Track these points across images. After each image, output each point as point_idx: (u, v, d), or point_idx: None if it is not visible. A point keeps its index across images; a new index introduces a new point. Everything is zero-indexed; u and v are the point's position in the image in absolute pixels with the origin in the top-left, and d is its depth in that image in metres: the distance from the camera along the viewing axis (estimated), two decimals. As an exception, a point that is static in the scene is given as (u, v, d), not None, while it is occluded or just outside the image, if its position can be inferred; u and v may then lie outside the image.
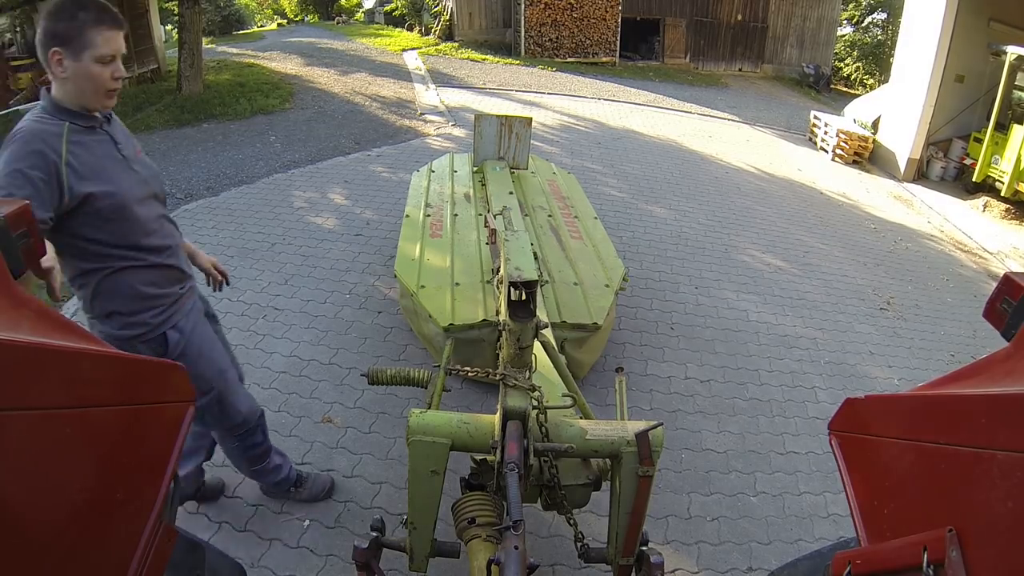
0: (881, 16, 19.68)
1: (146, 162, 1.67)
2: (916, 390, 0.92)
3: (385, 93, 9.32)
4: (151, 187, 1.63)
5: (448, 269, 2.92)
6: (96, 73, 1.40)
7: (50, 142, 1.38)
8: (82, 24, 1.36)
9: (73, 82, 1.41)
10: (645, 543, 1.53)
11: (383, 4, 21.91)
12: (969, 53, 7.55)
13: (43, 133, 1.38)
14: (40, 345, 0.66)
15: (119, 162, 1.53)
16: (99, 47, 1.38)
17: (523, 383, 1.45)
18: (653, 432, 1.40)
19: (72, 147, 1.41)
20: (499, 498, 1.48)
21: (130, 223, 1.51)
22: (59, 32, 1.36)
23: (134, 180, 1.55)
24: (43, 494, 0.65)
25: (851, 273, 4.96)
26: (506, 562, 1.01)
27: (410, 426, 1.39)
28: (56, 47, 1.36)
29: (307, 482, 2.25)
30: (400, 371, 1.91)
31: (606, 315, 2.77)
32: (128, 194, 1.50)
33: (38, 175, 1.32)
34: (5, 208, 0.80)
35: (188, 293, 1.73)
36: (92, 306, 1.56)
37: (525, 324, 1.47)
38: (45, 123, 1.40)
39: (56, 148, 1.38)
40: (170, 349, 1.64)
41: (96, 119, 1.50)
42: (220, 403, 1.80)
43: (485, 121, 4.00)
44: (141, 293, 1.56)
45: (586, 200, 3.99)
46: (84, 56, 1.38)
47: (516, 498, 1.14)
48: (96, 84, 1.42)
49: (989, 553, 0.65)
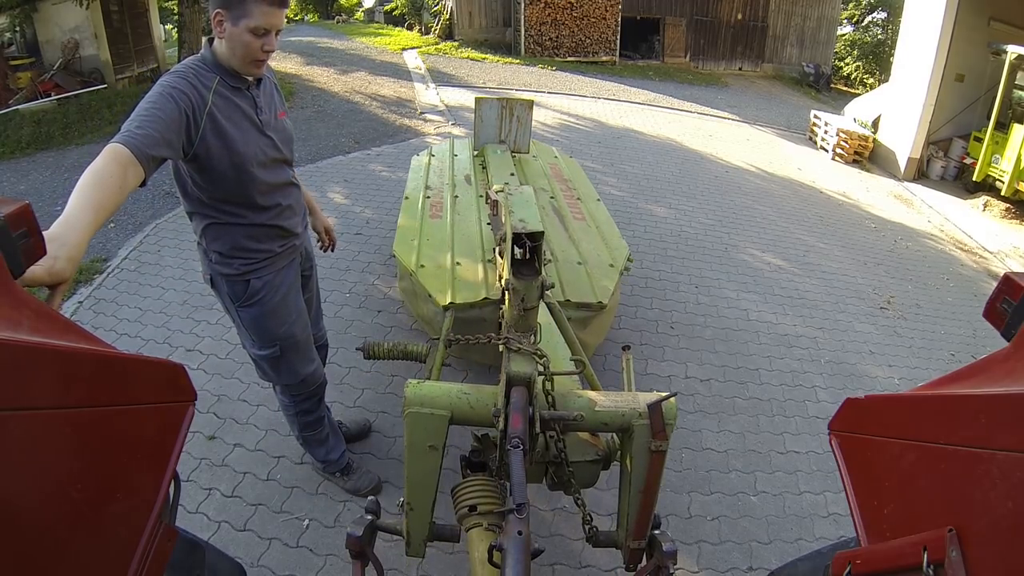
0: (881, 15, 19.66)
1: (284, 127, 1.75)
2: (916, 390, 0.91)
3: (385, 92, 9.31)
4: (280, 152, 1.71)
5: (448, 249, 2.85)
6: (247, 42, 1.47)
7: (200, 88, 1.47)
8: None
9: (228, 44, 1.49)
10: (657, 526, 1.44)
11: (383, 3, 21.89)
12: (969, 52, 7.54)
13: (199, 77, 1.48)
14: (40, 345, 0.66)
15: (253, 125, 1.60)
16: (256, 19, 1.45)
17: (528, 347, 1.35)
18: (666, 404, 1.31)
19: (216, 99, 1.50)
20: (502, 479, 1.38)
21: (245, 183, 1.60)
22: None
23: (262, 144, 1.63)
24: (42, 494, 0.65)
25: (851, 272, 4.96)
26: (509, 548, 0.93)
27: (407, 397, 1.29)
28: (219, 8, 1.45)
29: (354, 474, 2.28)
30: (397, 344, 1.87)
31: (611, 294, 2.69)
32: (251, 157, 1.58)
33: (184, 105, 1.41)
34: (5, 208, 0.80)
35: (287, 252, 1.81)
36: (200, 237, 1.70)
37: (530, 282, 1.38)
38: (200, 72, 1.50)
39: (204, 95, 1.47)
40: (248, 294, 1.75)
41: (245, 81, 1.58)
42: (279, 361, 1.86)
43: (486, 104, 3.95)
44: (239, 244, 1.68)
45: (588, 183, 3.91)
46: (240, 24, 1.45)
47: (520, 479, 1.05)
48: (245, 52, 1.49)
49: (989, 553, 0.65)
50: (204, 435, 2.52)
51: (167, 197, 5.06)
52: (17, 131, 6.96)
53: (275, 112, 1.71)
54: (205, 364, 2.96)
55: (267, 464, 2.41)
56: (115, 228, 4.55)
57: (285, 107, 1.80)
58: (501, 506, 1.29)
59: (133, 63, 9.21)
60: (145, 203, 5.00)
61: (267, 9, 1.45)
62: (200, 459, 2.41)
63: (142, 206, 4.94)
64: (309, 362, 1.96)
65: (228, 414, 2.65)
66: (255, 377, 2.84)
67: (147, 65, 9.71)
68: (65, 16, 8.20)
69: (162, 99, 1.38)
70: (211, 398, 2.73)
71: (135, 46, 9.29)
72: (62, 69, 8.22)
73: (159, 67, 10.03)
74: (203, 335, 3.18)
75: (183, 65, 1.52)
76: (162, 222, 4.59)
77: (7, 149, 6.61)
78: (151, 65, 9.84)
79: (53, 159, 6.33)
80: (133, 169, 1.23)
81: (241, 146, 1.55)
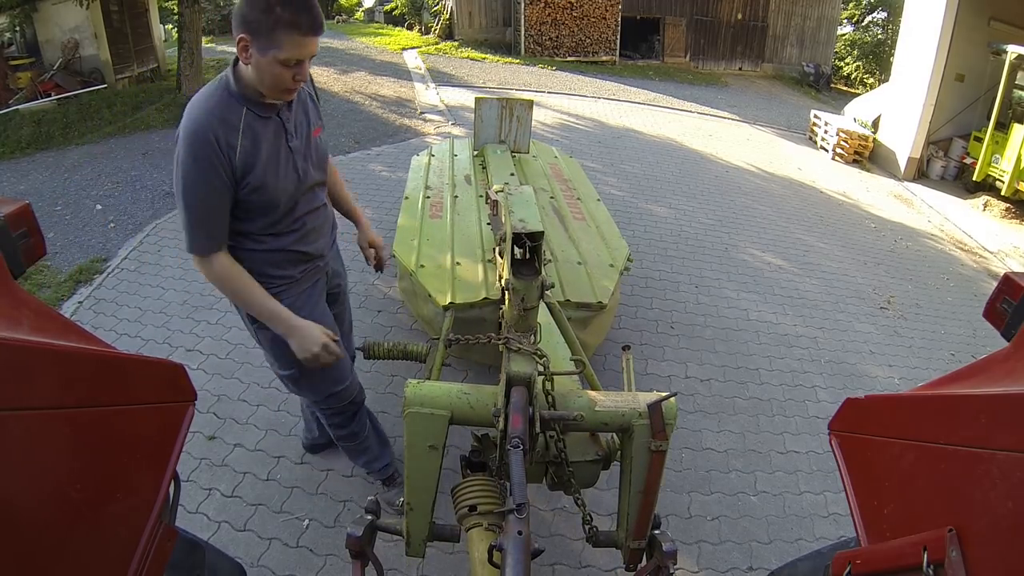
0: (881, 15, 19.65)
1: (317, 146, 1.61)
2: (916, 390, 0.92)
3: (385, 92, 9.31)
4: (312, 178, 1.59)
5: (448, 249, 2.85)
6: (277, 73, 1.32)
7: (228, 136, 1.36)
8: (275, 21, 1.24)
9: (255, 72, 1.35)
10: (657, 526, 1.44)
11: (383, 3, 21.87)
12: (969, 52, 7.54)
13: (224, 122, 1.36)
14: (40, 345, 0.66)
15: (284, 156, 1.49)
16: (286, 51, 1.28)
17: (528, 347, 1.35)
18: (666, 403, 1.32)
19: (244, 140, 1.39)
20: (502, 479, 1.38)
21: (271, 212, 1.52)
22: (251, 20, 1.26)
23: (294, 176, 1.52)
24: (42, 494, 0.65)
25: (851, 272, 4.96)
26: (509, 548, 0.93)
27: (407, 397, 1.29)
28: (244, 34, 1.27)
29: (395, 487, 2.22)
30: (397, 344, 1.85)
31: (611, 294, 2.69)
32: (282, 190, 1.49)
33: (222, 177, 1.37)
34: (5, 208, 0.80)
35: (308, 275, 1.71)
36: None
37: (530, 282, 1.38)
38: (225, 111, 1.37)
39: (233, 143, 1.37)
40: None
41: (273, 107, 1.45)
42: (300, 380, 1.78)
43: (486, 104, 3.95)
44: (258, 270, 1.58)
45: (588, 183, 3.91)
46: (269, 54, 1.29)
47: (520, 479, 1.05)
48: (274, 82, 1.35)
49: (989, 553, 0.65)
50: (204, 435, 2.52)
51: (167, 197, 5.06)
52: (17, 131, 6.96)
53: (308, 132, 1.56)
54: (205, 364, 2.96)
55: (267, 464, 2.41)
56: (115, 228, 4.55)
57: (321, 120, 1.64)
58: (501, 506, 1.28)
59: (133, 63, 9.21)
60: (145, 203, 5.01)
61: (300, 40, 1.28)
62: (200, 459, 2.41)
63: (142, 206, 4.94)
64: (334, 382, 1.83)
65: (228, 414, 2.65)
66: (255, 377, 2.85)
67: (147, 65, 9.71)
68: (65, 16, 8.20)
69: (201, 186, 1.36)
70: (211, 398, 2.72)
71: (135, 46, 9.29)
72: (62, 69, 8.22)
73: (159, 67, 10.03)
74: (203, 335, 3.18)
75: (204, 108, 1.36)
76: (162, 222, 4.59)
77: (7, 149, 6.60)
78: (151, 65, 9.83)
79: (53, 159, 6.33)
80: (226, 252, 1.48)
81: (271, 180, 1.46)
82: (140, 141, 6.79)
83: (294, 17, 1.25)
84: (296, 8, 1.25)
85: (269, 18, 1.24)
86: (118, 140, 6.87)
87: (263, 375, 2.86)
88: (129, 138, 6.93)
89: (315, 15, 1.29)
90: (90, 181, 5.60)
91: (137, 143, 6.73)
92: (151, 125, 7.28)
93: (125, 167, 5.95)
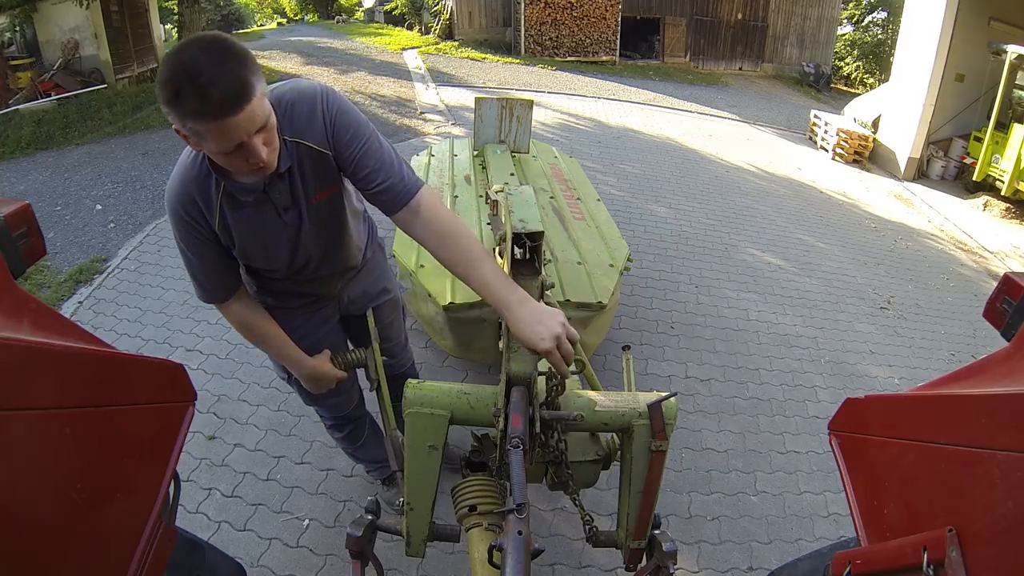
0: (881, 15, 19.66)
1: (327, 212, 1.39)
2: (916, 390, 0.92)
3: (385, 92, 9.31)
4: (314, 252, 1.42)
5: None
6: (226, 162, 1.11)
7: (199, 212, 1.21)
8: (183, 113, 0.99)
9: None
10: (657, 526, 1.44)
11: (383, 3, 21.87)
12: (969, 52, 7.54)
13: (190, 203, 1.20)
14: (40, 345, 0.66)
15: (275, 232, 1.31)
16: (210, 141, 1.03)
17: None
18: (666, 403, 1.32)
19: (221, 212, 1.23)
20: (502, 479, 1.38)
21: (271, 275, 1.45)
22: (167, 112, 1.02)
23: (287, 255, 1.37)
24: (42, 494, 0.65)
25: (851, 272, 4.96)
26: (509, 548, 0.92)
27: (407, 397, 1.29)
28: (174, 124, 1.04)
29: (395, 488, 2.24)
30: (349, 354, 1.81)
31: (611, 294, 2.68)
32: (274, 264, 1.39)
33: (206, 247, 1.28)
34: (5, 208, 0.80)
35: (307, 305, 1.63)
36: None
37: (530, 282, 1.38)
38: (199, 183, 1.19)
39: (208, 217, 1.23)
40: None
41: (253, 189, 1.22)
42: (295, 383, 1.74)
43: (485, 104, 3.94)
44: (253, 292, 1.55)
45: (589, 183, 3.92)
46: (204, 146, 1.07)
47: (520, 479, 1.04)
48: (233, 169, 1.15)
49: (989, 553, 0.65)
50: (204, 435, 2.52)
51: (167, 197, 5.06)
52: (17, 131, 6.96)
53: (309, 198, 1.31)
54: (205, 364, 2.96)
55: (267, 464, 2.41)
56: (115, 228, 4.55)
57: (333, 177, 1.33)
58: (501, 506, 1.28)
59: (133, 63, 9.20)
60: (145, 203, 5.01)
61: (217, 125, 0.99)
62: (200, 459, 2.41)
63: (142, 206, 4.94)
64: (325, 396, 1.77)
65: (228, 414, 2.65)
66: (255, 377, 2.85)
67: (147, 65, 9.70)
68: (65, 16, 8.20)
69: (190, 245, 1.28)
70: (211, 398, 2.72)
71: (135, 46, 9.29)
72: (62, 69, 8.22)
73: (159, 67, 10.02)
74: (203, 335, 3.18)
75: (179, 179, 1.21)
76: (162, 222, 4.59)
77: (7, 149, 6.61)
78: (151, 65, 9.82)
79: (53, 159, 6.33)
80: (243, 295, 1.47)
81: (258, 256, 1.35)
82: (140, 141, 6.79)
83: (197, 104, 0.98)
84: (195, 94, 0.97)
85: (176, 110, 1.00)
86: (118, 140, 6.87)
87: (263, 375, 2.86)
88: (129, 138, 6.93)
89: (216, 95, 0.97)
90: (90, 181, 5.61)
91: (137, 143, 6.73)
92: (151, 125, 7.28)
93: (125, 167, 5.95)
